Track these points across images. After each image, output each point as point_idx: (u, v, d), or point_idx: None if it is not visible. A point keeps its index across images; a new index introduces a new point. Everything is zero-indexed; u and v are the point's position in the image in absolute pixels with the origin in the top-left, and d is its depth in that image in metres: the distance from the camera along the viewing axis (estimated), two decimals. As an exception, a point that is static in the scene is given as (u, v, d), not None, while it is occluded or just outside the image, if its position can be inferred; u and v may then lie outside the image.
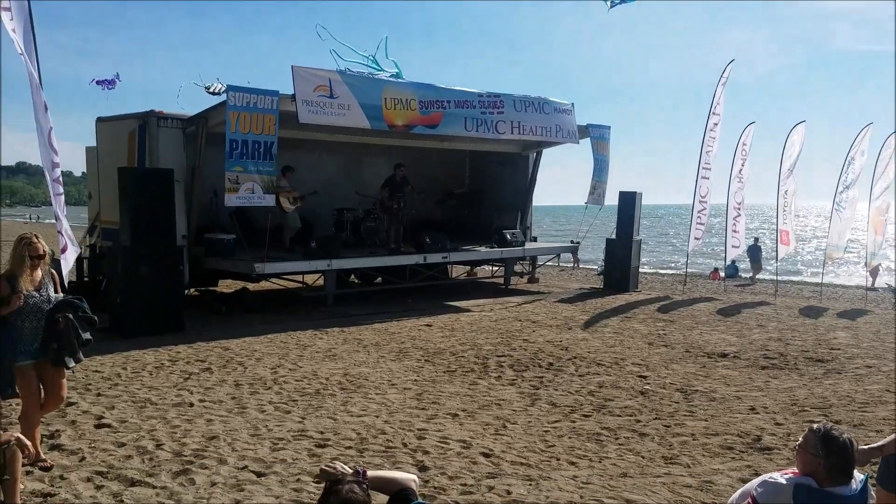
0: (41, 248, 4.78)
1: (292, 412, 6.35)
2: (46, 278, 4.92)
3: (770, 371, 8.32)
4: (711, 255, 29.72)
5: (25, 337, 4.74)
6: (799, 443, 2.92)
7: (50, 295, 4.88)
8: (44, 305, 4.79)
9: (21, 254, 4.73)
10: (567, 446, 5.57)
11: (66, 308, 4.81)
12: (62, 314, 4.75)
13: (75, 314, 4.81)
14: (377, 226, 14.78)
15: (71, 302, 4.88)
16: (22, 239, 4.78)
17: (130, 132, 11.75)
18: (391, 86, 12.48)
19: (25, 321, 4.73)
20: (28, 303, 4.69)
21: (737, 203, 16.85)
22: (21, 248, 4.74)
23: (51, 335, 4.74)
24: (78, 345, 4.82)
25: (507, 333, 10.32)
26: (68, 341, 4.76)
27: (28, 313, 4.72)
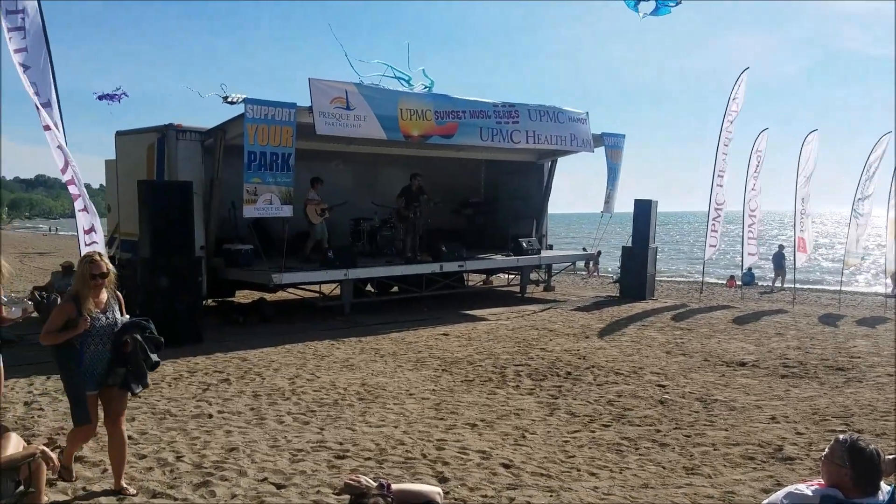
0: (104, 265, 4.53)
1: (311, 423, 6.36)
2: (112, 299, 4.67)
3: (790, 380, 8.25)
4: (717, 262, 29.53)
5: (92, 361, 4.52)
6: (825, 453, 2.90)
7: (116, 317, 4.63)
8: (110, 328, 4.55)
9: (85, 273, 4.48)
10: (587, 457, 5.55)
11: (134, 329, 4.58)
12: (130, 336, 4.52)
13: (143, 335, 4.59)
14: (393, 235, 14.84)
15: (138, 323, 4.64)
16: (85, 258, 4.58)
17: (149, 145, 11.88)
18: (407, 97, 12.55)
19: (91, 345, 4.50)
20: (94, 325, 4.46)
21: (752, 210, 16.76)
22: (84, 266, 4.50)
23: (118, 359, 4.53)
24: (146, 368, 4.63)
25: (524, 342, 10.30)
26: (136, 364, 4.55)
27: (94, 336, 4.49)
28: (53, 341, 4.46)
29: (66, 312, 4.43)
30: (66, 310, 4.45)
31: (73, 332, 4.38)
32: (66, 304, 4.48)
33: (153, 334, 4.66)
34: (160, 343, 4.70)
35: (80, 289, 4.49)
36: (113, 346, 4.51)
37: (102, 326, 4.51)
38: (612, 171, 16.09)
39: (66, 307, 4.46)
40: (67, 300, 4.49)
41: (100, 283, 4.53)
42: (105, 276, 4.53)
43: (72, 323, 4.39)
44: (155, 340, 4.66)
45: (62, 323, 4.42)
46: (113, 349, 4.51)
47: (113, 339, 4.52)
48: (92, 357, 4.52)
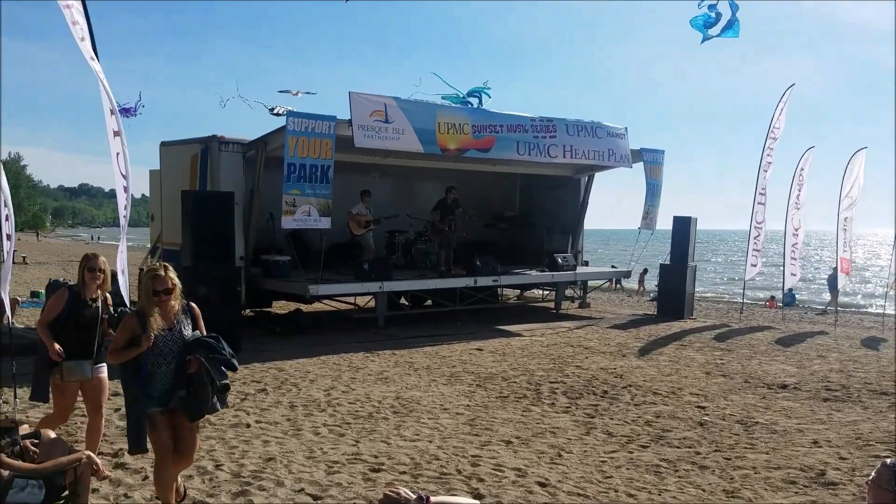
0: (169, 280, 4.22)
1: (346, 435, 6.39)
2: (182, 314, 4.35)
3: (832, 403, 8.05)
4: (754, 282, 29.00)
5: (157, 382, 4.23)
6: (871, 478, 2.82)
7: (185, 334, 4.30)
8: (177, 346, 4.23)
9: (148, 289, 4.21)
10: (625, 478, 5.48)
11: (199, 348, 4.17)
12: (194, 355, 4.14)
13: (209, 355, 4.17)
14: (428, 248, 14.89)
15: (204, 341, 4.22)
16: (149, 272, 4.30)
17: (193, 156, 12.12)
18: (445, 111, 12.63)
19: (155, 364, 4.22)
20: (158, 344, 4.18)
21: (794, 229, 16.47)
22: (147, 282, 4.24)
23: (180, 380, 4.16)
24: (212, 391, 4.19)
25: (560, 359, 10.23)
26: (200, 386, 4.15)
27: (159, 355, 4.21)
28: (119, 359, 4.28)
29: (130, 329, 4.20)
30: (129, 326, 4.21)
31: (136, 351, 4.17)
32: (129, 320, 4.25)
33: (222, 355, 4.21)
34: (230, 364, 4.24)
35: (144, 305, 4.24)
36: (176, 366, 4.19)
37: (168, 344, 4.22)
38: (651, 188, 15.95)
39: (130, 323, 4.22)
40: (131, 316, 4.28)
41: (164, 299, 4.22)
42: (170, 292, 4.24)
43: (137, 340, 4.15)
44: (224, 361, 4.22)
45: (127, 340, 4.19)
46: (175, 369, 4.19)
47: (177, 358, 4.20)
48: (156, 377, 4.23)
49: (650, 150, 15.89)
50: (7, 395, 7.14)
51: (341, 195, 13.01)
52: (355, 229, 13.20)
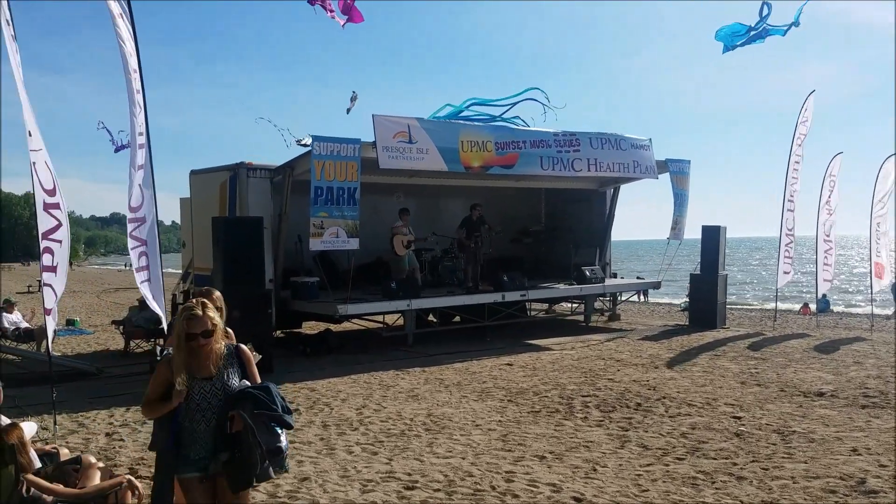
0: (208, 321, 3.47)
1: (379, 453, 6.42)
2: (228, 360, 3.61)
3: (871, 410, 7.90)
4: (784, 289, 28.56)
5: (196, 443, 3.52)
6: None
7: (227, 382, 3.55)
8: (218, 399, 3.52)
9: (181, 331, 3.46)
10: (662, 490, 5.42)
11: (243, 402, 3.44)
12: (237, 411, 3.41)
13: (255, 411, 3.43)
14: (455, 265, 14.93)
15: (250, 393, 3.48)
16: (184, 310, 3.53)
17: (222, 183, 12.34)
18: (467, 129, 12.72)
19: (196, 422, 3.51)
20: (195, 397, 3.48)
21: (826, 235, 16.23)
22: (181, 322, 3.48)
23: (223, 441, 3.45)
24: (260, 456, 3.40)
25: (591, 372, 10.17)
26: (246, 449, 3.38)
27: (196, 411, 3.50)
28: (152, 414, 3.65)
29: (163, 378, 3.53)
30: (161, 375, 3.54)
31: (169, 406, 3.50)
32: (162, 369, 3.55)
33: (275, 410, 3.45)
34: (283, 421, 3.49)
35: (174, 351, 3.52)
36: (217, 424, 3.48)
37: (206, 397, 3.50)
38: (679, 198, 15.85)
39: (162, 372, 3.53)
40: (164, 363, 3.57)
41: (202, 343, 3.47)
42: (209, 334, 3.47)
43: (172, 391, 3.49)
44: (274, 418, 3.46)
45: (162, 390, 3.53)
46: (217, 427, 3.48)
47: (218, 414, 3.49)
48: (194, 436, 3.52)
49: (676, 161, 15.81)
50: (47, 421, 7.29)
51: (368, 216, 13.14)
52: (399, 249, 13.30)
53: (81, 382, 9.79)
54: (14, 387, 7.97)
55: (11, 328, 12.62)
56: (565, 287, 15.18)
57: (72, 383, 9.56)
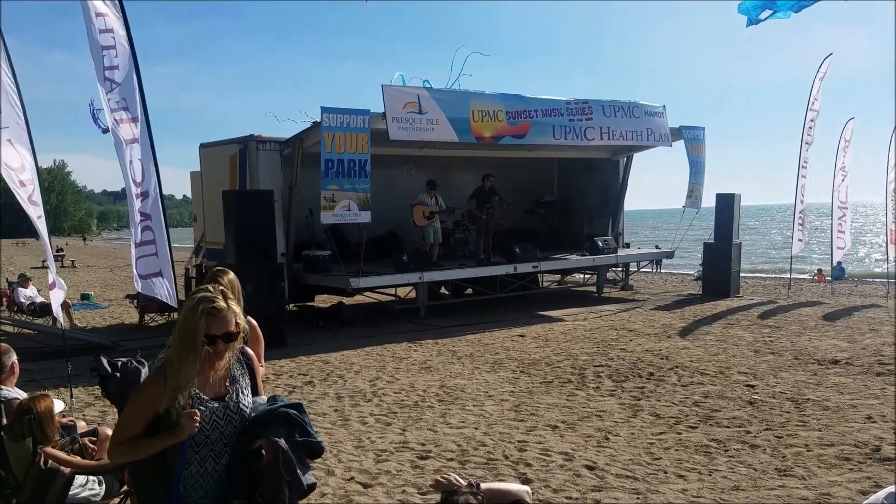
0: (233, 320, 2.54)
1: (393, 424, 6.45)
2: (236, 370, 2.67)
3: (886, 378, 7.85)
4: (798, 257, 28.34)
5: (200, 488, 2.55)
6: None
7: (241, 401, 2.63)
8: (232, 426, 2.58)
9: (196, 328, 2.47)
10: (674, 459, 5.43)
11: (277, 427, 2.60)
12: (268, 439, 2.55)
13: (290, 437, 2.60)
14: (466, 237, 14.90)
15: (283, 414, 2.64)
16: (202, 299, 2.52)
17: (231, 156, 12.31)
18: (478, 98, 12.59)
19: (201, 461, 2.55)
20: (204, 425, 2.51)
21: (841, 202, 16.06)
22: (197, 317, 2.47)
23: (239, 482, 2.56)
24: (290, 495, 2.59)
25: (604, 343, 10.16)
26: (272, 491, 2.54)
27: (202, 444, 2.54)
28: (134, 455, 2.56)
29: (152, 398, 2.49)
30: (150, 394, 2.50)
31: (166, 442, 2.49)
32: (152, 384, 2.54)
33: (308, 437, 2.66)
34: (315, 448, 2.71)
35: (180, 357, 2.47)
36: (231, 461, 2.57)
37: (218, 424, 2.55)
38: (694, 165, 15.68)
39: (152, 389, 2.51)
40: (154, 377, 2.56)
41: (221, 349, 2.56)
42: (232, 338, 2.56)
43: (165, 419, 2.48)
44: (309, 446, 2.67)
45: (149, 417, 2.50)
46: (231, 466, 2.57)
47: (235, 445, 2.58)
48: (197, 481, 2.55)
49: (690, 128, 15.63)
50: (64, 394, 7.37)
51: (380, 189, 13.09)
52: (418, 220, 13.23)
53: (97, 356, 9.88)
54: (30, 360, 8.06)
55: (27, 303, 12.75)
56: (577, 258, 15.13)
57: (87, 357, 9.66)
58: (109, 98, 7.49)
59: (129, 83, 7.70)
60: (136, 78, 7.82)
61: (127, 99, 7.67)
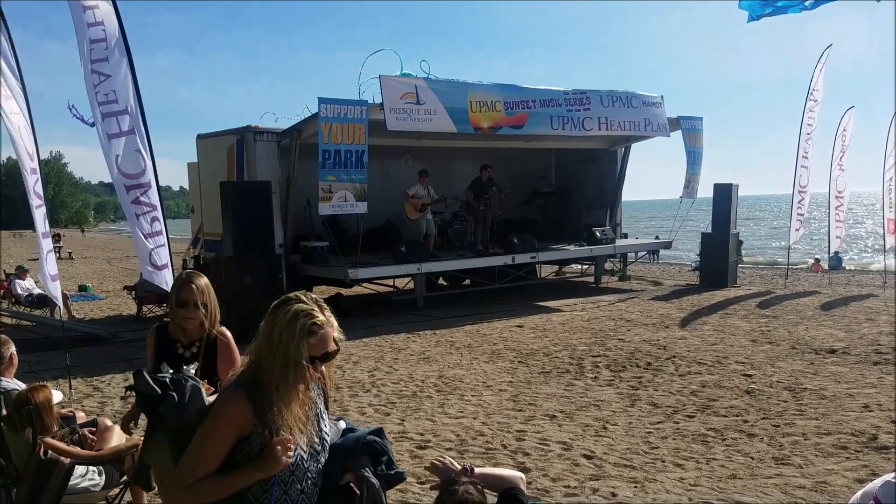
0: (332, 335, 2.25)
1: (392, 414, 6.47)
2: (313, 391, 2.35)
3: (883, 367, 7.88)
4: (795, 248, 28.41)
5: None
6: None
7: (323, 427, 2.35)
8: (315, 455, 2.29)
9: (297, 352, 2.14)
10: (672, 448, 5.45)
11: (362, 458, 2.41)
12: (356, 474, 2.36)
13: (376, 469, 2.43)
14: (464, 228, 14.89)
15: (370, 443, 2.46)
16: (299, 312, 2.18)
17: (229, 147, 12.28)
18: (476, 88, 12.56)
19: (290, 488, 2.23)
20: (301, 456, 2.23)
21: (838, 191, 16.07)
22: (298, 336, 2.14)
23: None
24: None
25: (601, 333, 10.18)
26: None
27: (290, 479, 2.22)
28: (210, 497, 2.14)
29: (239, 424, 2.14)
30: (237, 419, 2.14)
31: (255, 474, 2.14)
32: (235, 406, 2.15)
33: (391, 469, 2.48)
34: (399, 480, 2.55)
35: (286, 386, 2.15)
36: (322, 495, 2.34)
37: (302, 453, 2.23)
38: (692, 155, 15.68)
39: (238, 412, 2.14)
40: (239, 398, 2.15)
41: (318, 369, 2.27)
42: (332, 358, 2.29)
43: (241, 448, 2.16)
44: (393, 479, 2.50)
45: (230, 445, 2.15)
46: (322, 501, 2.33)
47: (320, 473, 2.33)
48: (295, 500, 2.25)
49: (688, 118, 15.62)
50: (63, 385, 7.38)
51: (377, 179, 13.07)
52: (410, 213, 13.18)
53: (95, 347, 9.90)
54: (29, 352, 8.06)
55: (24, 294, 12.74)
56: (575, 248, 15.14)
57: (85, 348, 9.67)
58: (98, 91, 7.45)
59: (120, 75, 7.65)
60: (130, 69, 7.77)
61: (118, 91, 7.61)
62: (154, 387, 2.32)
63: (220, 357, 3.26)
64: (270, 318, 2.23)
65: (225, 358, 3.26)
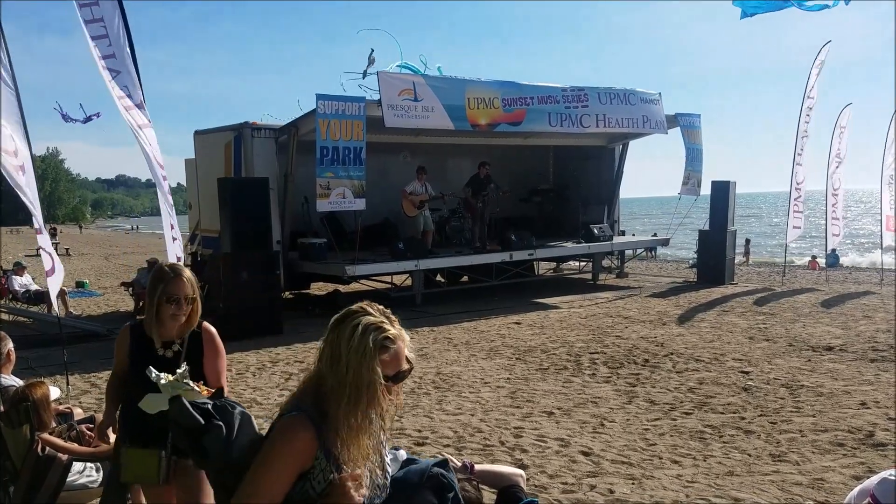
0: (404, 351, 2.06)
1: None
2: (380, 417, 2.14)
3: (880, 364, 7.90)
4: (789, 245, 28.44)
5: None
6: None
7: (385, 458, 2.20)
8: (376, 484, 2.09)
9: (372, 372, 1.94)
10: (669, 444, 5.46)
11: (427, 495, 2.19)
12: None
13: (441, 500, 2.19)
14: (462, 225, 14.90)
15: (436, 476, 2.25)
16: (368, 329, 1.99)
17: (227, 143, 12.26)
18: (474, 85, 12.55)
19: None
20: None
21: (835, 188, 16.09)
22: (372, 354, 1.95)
23: None
24: None
25: (599, 330, 10.19)
26: None
27: None
28: None
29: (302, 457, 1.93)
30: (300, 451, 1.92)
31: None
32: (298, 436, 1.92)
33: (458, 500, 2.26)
34: None
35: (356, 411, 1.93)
36: None
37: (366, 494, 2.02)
38: (691, 152, 15.69)
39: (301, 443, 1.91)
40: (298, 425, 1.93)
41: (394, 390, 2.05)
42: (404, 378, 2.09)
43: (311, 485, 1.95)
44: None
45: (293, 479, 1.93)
46: None
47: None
48: None
49: (686, 115, 15.63)
50: (60, 381, 7.37)
51: (375, 176, 13.06)
52: (408, 210, 13.17)
53: (92, 343, 9.89)
54: (26, 348, 8.06)
55: (22, 290, 12.72)
56: (573, 246, 15.15)
57: (83, 344, 9.67)
58: (114, 86, 7.46)
59: (126, 70, 7.66)
60: (133, 64, 7.76)
61: (129, 87, 7.64)
62: (196, 416, 2.00)
63: (206, 355, 3.04)
64: (332, 335, 1.97)
65: (212, 356, 3.05)
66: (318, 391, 1.94)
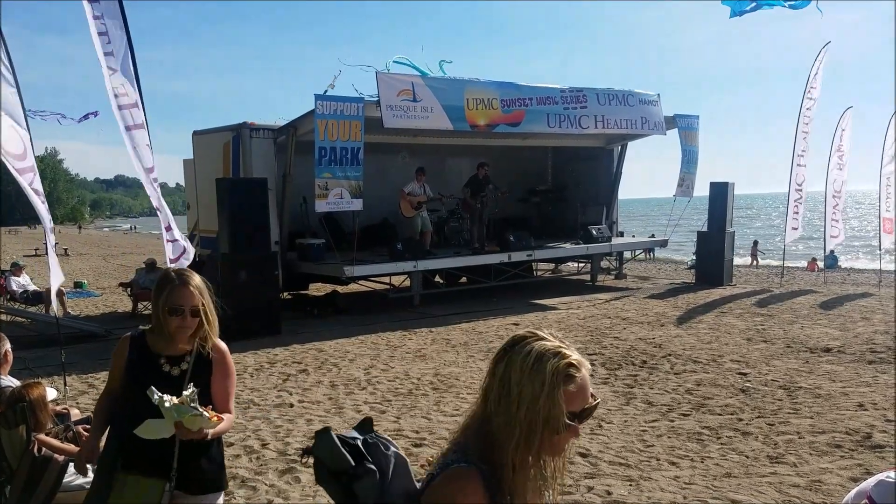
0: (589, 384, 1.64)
1: (387, 412, 6.47)
2: None
3: (878, 366, 7.91)
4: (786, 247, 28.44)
5: None
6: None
7: None
8: None
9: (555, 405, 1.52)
10: (667, 446, 5.46)
11: None
12: None
13: None
14: (461, 225, 14.90)
15: None
16: (543, 354, 1.57)
17: (225, 143, 12.25)
18: (473, 86, 12.55)
19: None
20: None
21: (835, 191, 16.10)
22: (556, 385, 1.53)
23: None
24: None
25: (597, 331, 10.19)
26: None
27: None
28: None
29: None
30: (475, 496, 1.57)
31: None
32: (471, 489, 1.55)
33: None
34: None
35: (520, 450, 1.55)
36: None
37: None
38: (688, 154, 15.70)
39: (472, 495, 1.55)
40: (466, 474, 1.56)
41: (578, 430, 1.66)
42: (589, 415, 1.72)
43: None
44: None
45: None
46: None
47: None
48: None
49: (684, 116, 15.64)
50: (57, 382, 7.36)
51: (373, 177, 13.06)
52: (407, 211, 13.16)
53: (90, 344, 9.88)
54: (24, 349, 8.04)
55: (20, 291, 12.71)
56: (571, 246, 15.15)
57: (81, 345, 9.65)
58: (112, 83, 7.45)
59: (126, 68, 7.65)
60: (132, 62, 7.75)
61: (126, 84, 7.62)
62: (346, 455, 1.73)
63: (215, 376, 2.71)
64: (501, 365, 1.61)
65: (221, 377, 2.73)
66: (484, 437, 1.60)
